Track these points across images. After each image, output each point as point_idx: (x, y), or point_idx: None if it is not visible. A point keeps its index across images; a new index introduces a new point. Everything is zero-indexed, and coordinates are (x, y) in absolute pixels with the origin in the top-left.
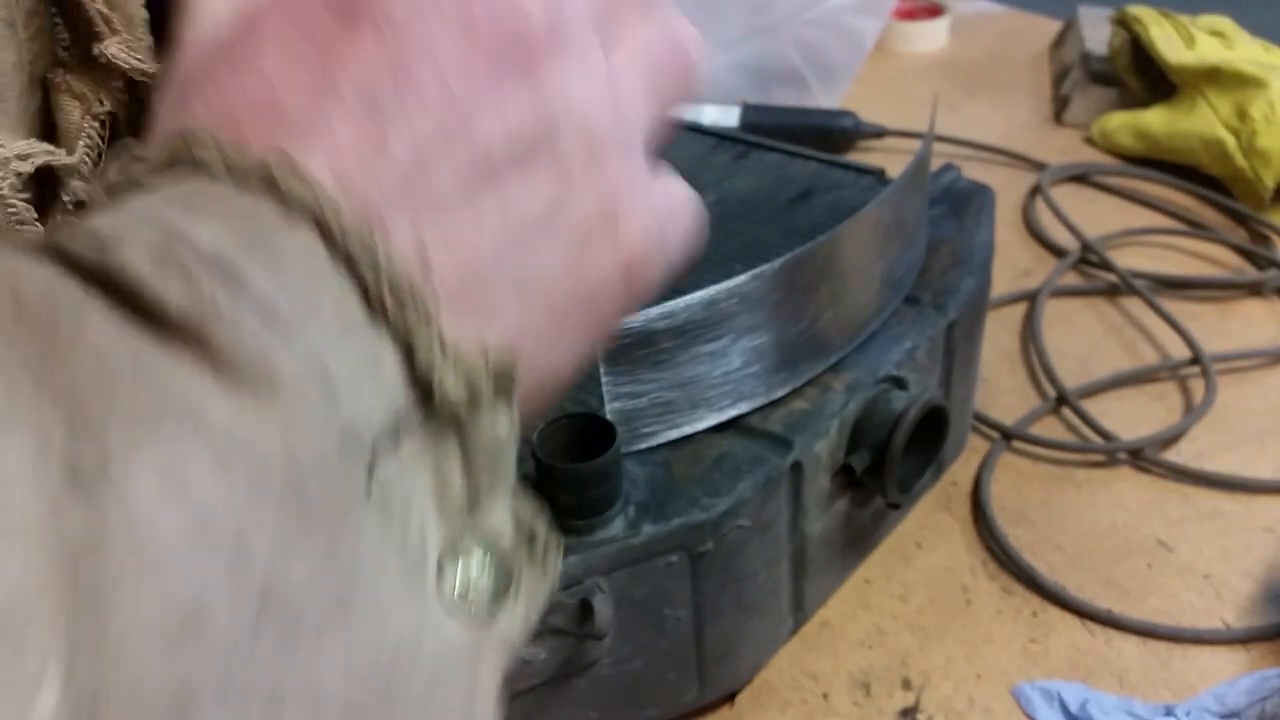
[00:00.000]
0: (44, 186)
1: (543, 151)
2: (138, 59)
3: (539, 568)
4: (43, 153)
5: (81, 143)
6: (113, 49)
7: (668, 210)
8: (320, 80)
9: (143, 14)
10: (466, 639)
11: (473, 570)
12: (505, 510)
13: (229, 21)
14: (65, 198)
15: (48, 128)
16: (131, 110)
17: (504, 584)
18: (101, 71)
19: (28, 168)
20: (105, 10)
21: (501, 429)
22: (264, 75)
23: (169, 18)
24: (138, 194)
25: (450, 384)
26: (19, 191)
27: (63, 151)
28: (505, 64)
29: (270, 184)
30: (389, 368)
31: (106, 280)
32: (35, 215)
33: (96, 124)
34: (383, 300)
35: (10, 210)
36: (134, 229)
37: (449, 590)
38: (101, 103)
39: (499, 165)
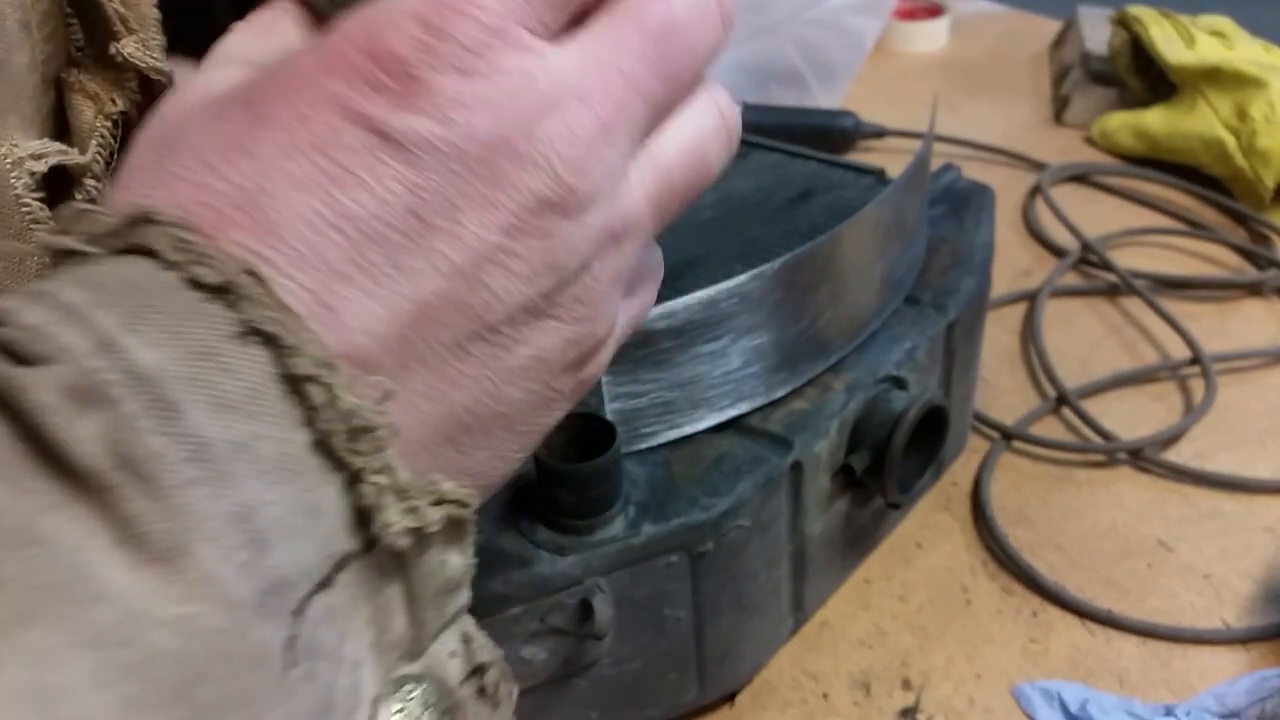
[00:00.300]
0: (58, 186)
1: (542, 308)
2: (153, 58)
3: (489, 705)
4: (56, 152)
5: (94, 142)
6: (129, 48)
7: (630, 325)
8: (323, 197)
9: (155, 14)
10: None
11: (412, 712)
12: (455, 645)
13: (229, 83)
14: (78, 197)
15: (60, 127)
16: (144, 110)
17: None
18: (116, 71)
19: (41, 167)
20: (122, 10)
21: (453, 569)
22: (259, 166)
23: (172, 17)
24: (81, 267)
25: (395, 527)
26: (33, 191)
27: (75, 151)
28: (528, 225)
29: (226, 291)
30: (329, 510)
31: (17, 412)
32: (49, 214)
33: (109, 123)
34: (330, 434)
35: (25, 210)
36: (60, 341)
37: None
38: (114, 102)
39: (498, 323)
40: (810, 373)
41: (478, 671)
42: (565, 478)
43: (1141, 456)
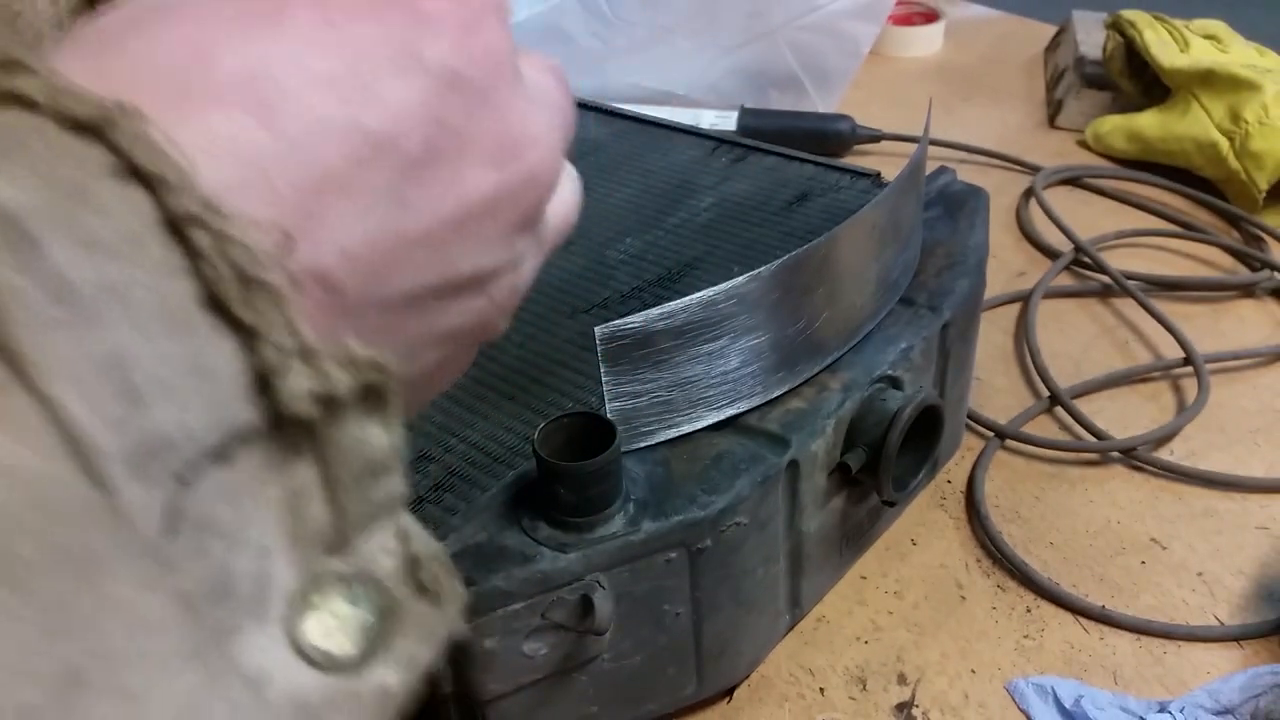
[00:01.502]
0: None
1: (487, 281)
2: None
3: (432, 604)
4: None
5: None
6: None
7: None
8: (338, 101)
9: None
10: (325, 688)
11: (339, 610)
12: (390, 541)
13: None
14: None
15: None
16: None
17: (387, 624)
18: None
19: None
20: None
21: (375, 447)
22: (271, 50)
23: None
24: None
25: (299, 390)
26: None
27: None
28: (516, 192)
29: (100, 128)
30: (224, 373)
31: None
32: None
33: None
34: (220, 285)
35: None
36: None
37: (305, 635)
38: None
39: (455, 283)
40: (807, 373)
41: (416, 566)
42: (566, 476)
43: (1134, 455)
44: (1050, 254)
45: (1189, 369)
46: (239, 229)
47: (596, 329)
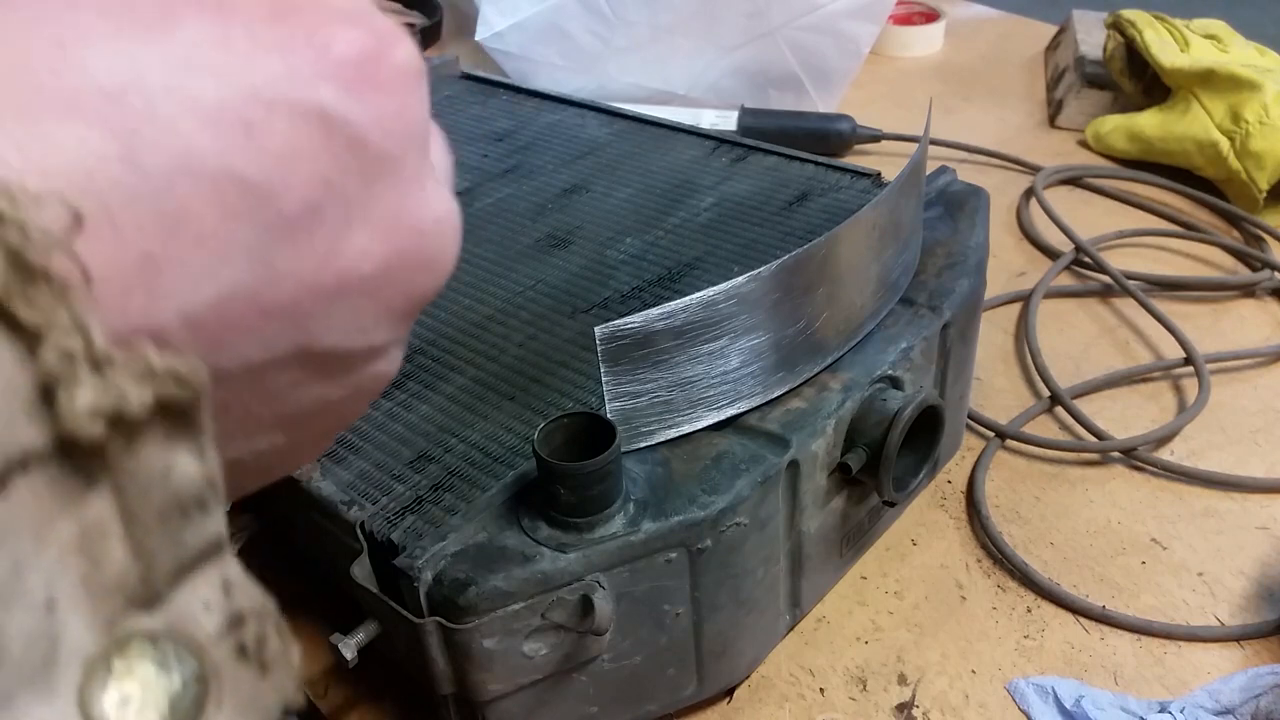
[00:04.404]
0: None
1: (358, 362)
2: None
3: (257, 671)
4: None
5: None
6: None
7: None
8: (215, 141)
9: None
10: None
11: (146, 676)
12: (211, 593)
13: None
14: None
15: None
16: None
17: (202, 694)
18: None
19: None
20: None
21: (184, 478)
22: (147, 63)
23: None
24: None
25: (83, 405)
26: None
27: None
28: (401, 272)
29: None
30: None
31: None
32: None
33: None
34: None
35: None
36: None
37: (100, 707)
38: None
39: (316, 361)
40: (807, 373)
41: (239, 625)
42: (566, 476)
43: (1135, 455)
44: (1050, 254)
45: (1189, 369)
46: (16, 205)
47: (596, 329)
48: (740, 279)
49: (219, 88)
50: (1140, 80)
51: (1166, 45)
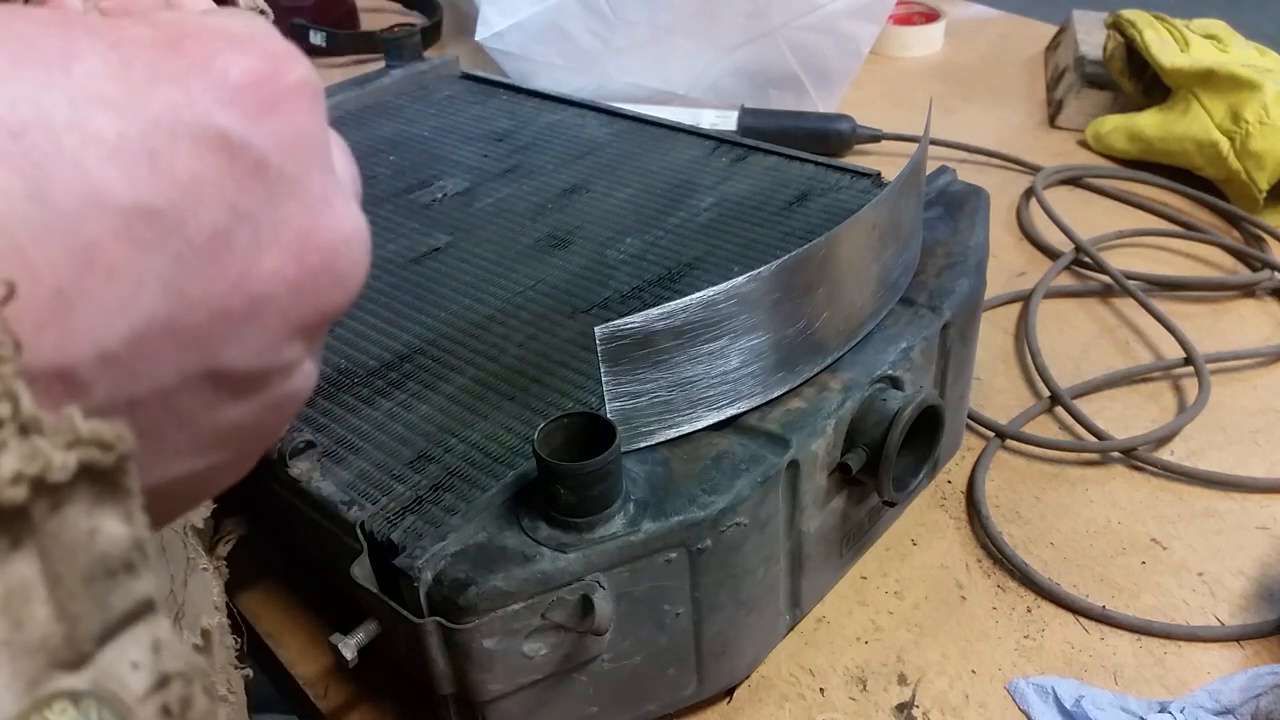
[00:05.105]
0: None
1: (274, 377)
2: None
3: None
4: None
5: None
6: None
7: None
8: (121, 172)
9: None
10: None
11: None
12: (140, 654)
13: None
14: None
15: None
16: None
17: None
18: None
19: None
20: None
21: (109, 541)
22: (51, 95)
23: None
24: None
25: (8, 467)
26: None
27: None
28: (310, 289)
29: None
30: None
31: None
32: None
33: None
34: None
35: None
36: None
37: None
38: None
39: (230, 380)
40: (807, 373)
41: (164, 685)
42: (566, 476)
43: (1135, 455)
44: (1050, 254)
45: (1189, 369)
46: None
47: (596, 329)
48: (740, 279)
49: (121, 120)
50: (1140, 80)
51: (1166, 45)
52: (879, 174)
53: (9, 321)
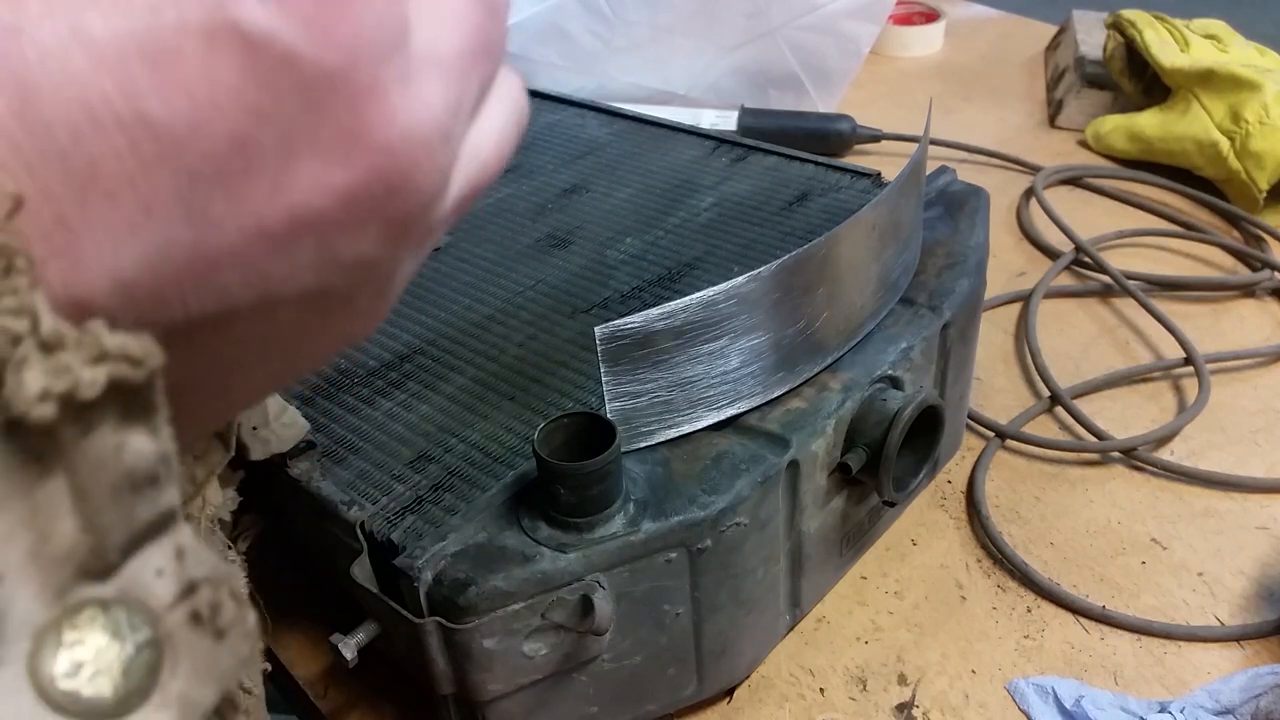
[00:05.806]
0: None
1: (332, 305)
2: None
3: (213, 637)
4: None
5: None
6: None
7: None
8: (121, 82)
9: None
10: None
11: (98, 644)
12: (164, 562)
13: None
14: None
15: None
16: None
17: (156, 661)
18: None
19: None
20: None
21: (136, 455)
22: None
23: None
24: None
25: (33, 390)
26: None
27: None
28: (369, 202)
29: None
30: None
31: None
32: None
33: None
34: None
35: None
36: None
37: (51, 675)
38: None
39: (274, 308)
40: (807, 373)
41: (193, 592)
42: (566, 476)
43: (1135, 455)
44: (1050, 254)
45: (1189, 369)
46: None
47: (596, 329)
48: (740, 279)
49: (117, 18)
50: (1140, 80)
51: (1166, 45)
52: (879, 174)
53: (21, 233)
